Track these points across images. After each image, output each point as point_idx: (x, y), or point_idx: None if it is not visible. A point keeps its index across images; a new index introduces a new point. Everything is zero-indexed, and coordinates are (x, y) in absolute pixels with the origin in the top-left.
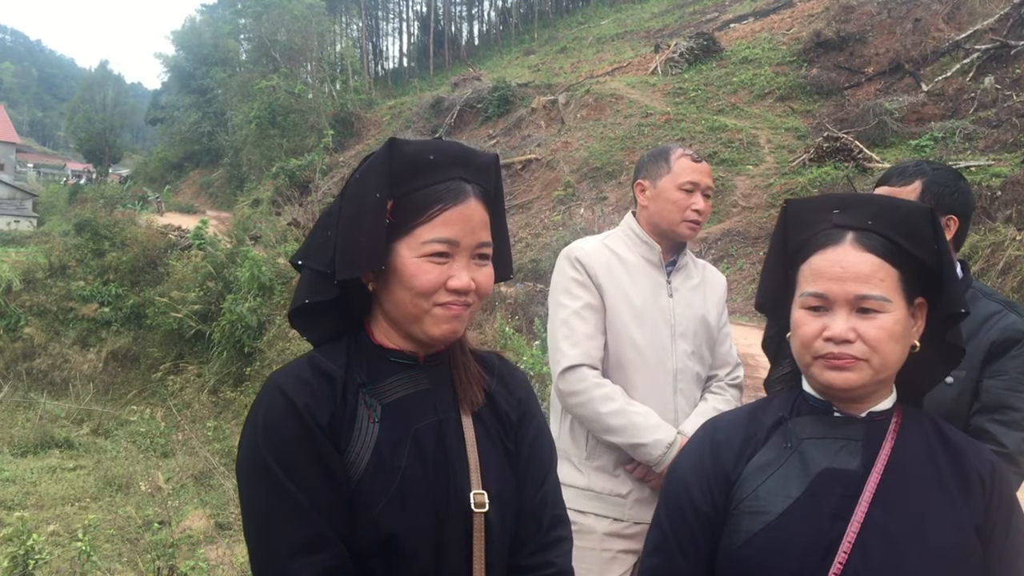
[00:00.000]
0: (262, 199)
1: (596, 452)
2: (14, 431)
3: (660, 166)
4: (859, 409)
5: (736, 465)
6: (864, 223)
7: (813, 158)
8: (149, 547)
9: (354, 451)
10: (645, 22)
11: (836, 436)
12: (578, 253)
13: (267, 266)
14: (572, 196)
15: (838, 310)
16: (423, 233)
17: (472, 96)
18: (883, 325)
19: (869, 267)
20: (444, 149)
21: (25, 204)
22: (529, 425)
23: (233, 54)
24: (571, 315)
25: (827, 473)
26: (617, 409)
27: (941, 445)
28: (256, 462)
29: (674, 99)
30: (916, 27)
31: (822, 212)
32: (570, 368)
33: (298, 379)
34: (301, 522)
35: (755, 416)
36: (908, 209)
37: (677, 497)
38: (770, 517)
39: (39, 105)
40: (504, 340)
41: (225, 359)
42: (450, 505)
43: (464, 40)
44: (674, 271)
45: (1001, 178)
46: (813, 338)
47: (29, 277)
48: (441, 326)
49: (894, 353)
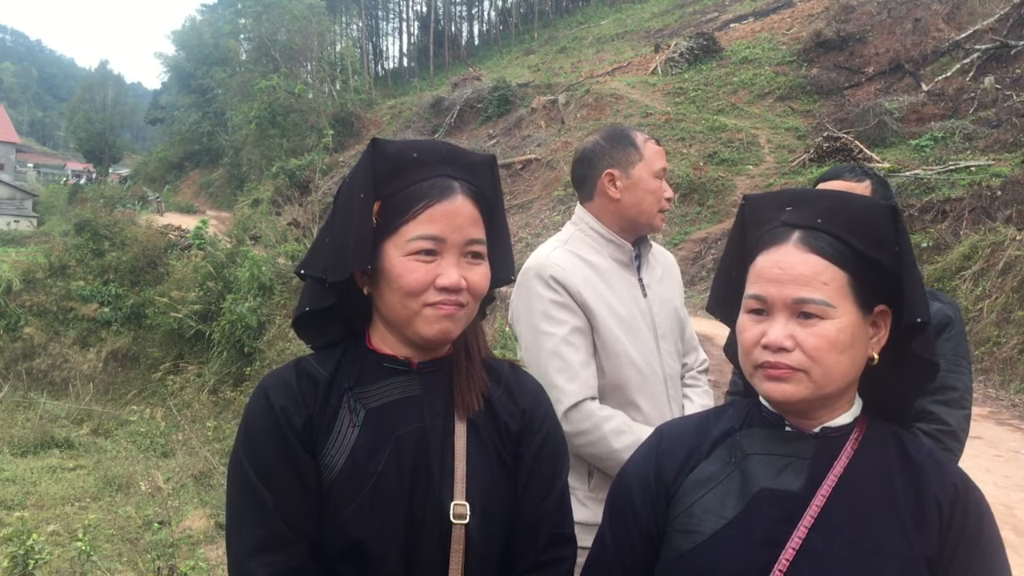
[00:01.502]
0: (262, 199)
1: (601, 484)
2: (14, 431)
3: (629, 153)
4: (811, 424)
5: (677, 477)
6: (813, 221)
7: (813, 158)
8: (149, 547)
9: (329, 454)
10: (645, 22)
11: (782, 453)
12: (552, 270)
13: (267, 266)
14: (572, 196)
15: (777, 314)
16: (408, 231)
17: (472, 96)
18: (824, 333)
19: (811, 269)
20: (428, 148)
21: (25, 204)
22: (533, 437)
23: (233, 54)
24: (560, 344)
25: (764, 493)
26: (632, 443)
27: (902, 466)
28: (234, 460)
29: (674, 99)
30: (916, 27)
31: (775, 210)
32: (573, 407)
33: (280, 381)
34: (264, 521)
35: (704, 426)
36: (865, 206)
37: (621, 508)
38: (700, 538)
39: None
40: (504, 340)
41: (225, 359)
42: (426, 514)
43: (464, 40)
44: (641, 266)
45: (1001, 178)
46: (752, 345)
47: (29, 277)
48: (433, 326)
49: (839, 364)
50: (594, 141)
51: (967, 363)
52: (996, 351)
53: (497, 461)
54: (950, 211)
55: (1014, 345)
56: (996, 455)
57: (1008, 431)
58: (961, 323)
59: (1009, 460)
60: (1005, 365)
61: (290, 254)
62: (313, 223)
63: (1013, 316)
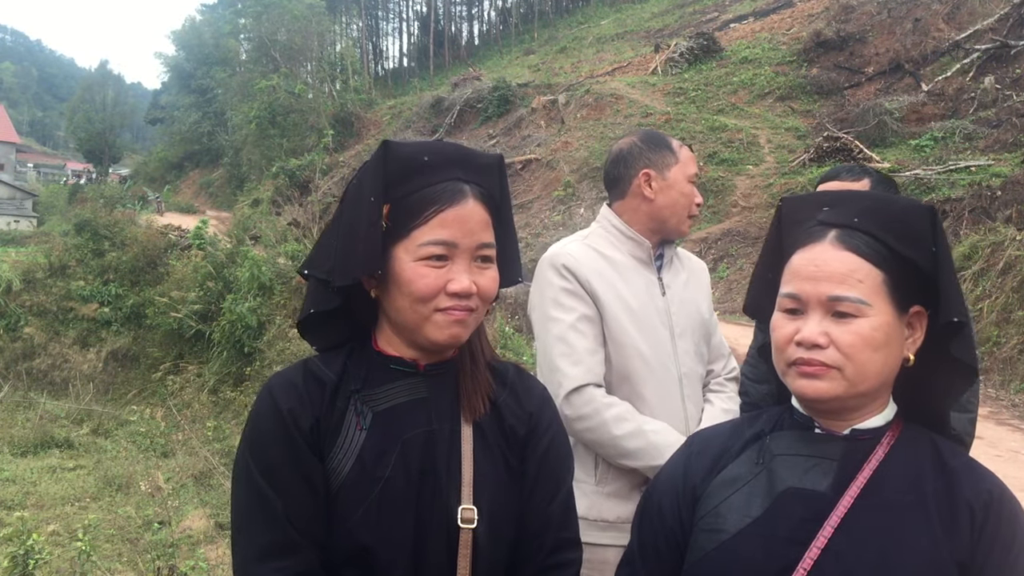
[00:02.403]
0: (262, 199)
1: (608, 477)
2: (14, 431)
3: (666, 155)
4: (842, 426)
5: (704, 480)
6: (850, 220)
7: (813, 158)
8: (149, 547)
9: (337, 457)
10: (645, 22)
11: (810, 454)
12: (564, 259)
13: (267, 266)
14: (572, 196)
15: (811, 312)
16: (419, 236)
17: (472, 96)
18: (858, 331)
19: (846, 266)
20: (440, 150)
21: (25, 204)
22: (539, 441)
23: (233, 54)
24: (567, 330)
25: (790, 493)
26: (633, 430)
27: (935, 470)
28: (240, 462)
29: (674, 99)
30: (916, 27)
31: (812, 210)
32: (575, 390)
33: (287, 382)
34: (272, 525)
35: (737, 430)
36: (903, 206)
37: (648, 511)
38: (725, 536)
39: (39, 105)
40: (504, 340)
41: (225, 359)
42: (433, 518)
43: (464, 40)
44: (663, 266)
45: (1001, 178)
46: (786, 342)
47: (29, 277)
48: (443, 331)
49: (872, 363)
50: (631, 142)
51: None
52: (996, 351)
53: (504, 465)
54: (950, 211)
55: (1014, 345)
56: (996, 455)
57: (1008, 431)
58: (971, 328)
59: (1009, 460)
60: (1005, 365)
61: (290, 254)
62: (313, 223)
63: (1013, 316)
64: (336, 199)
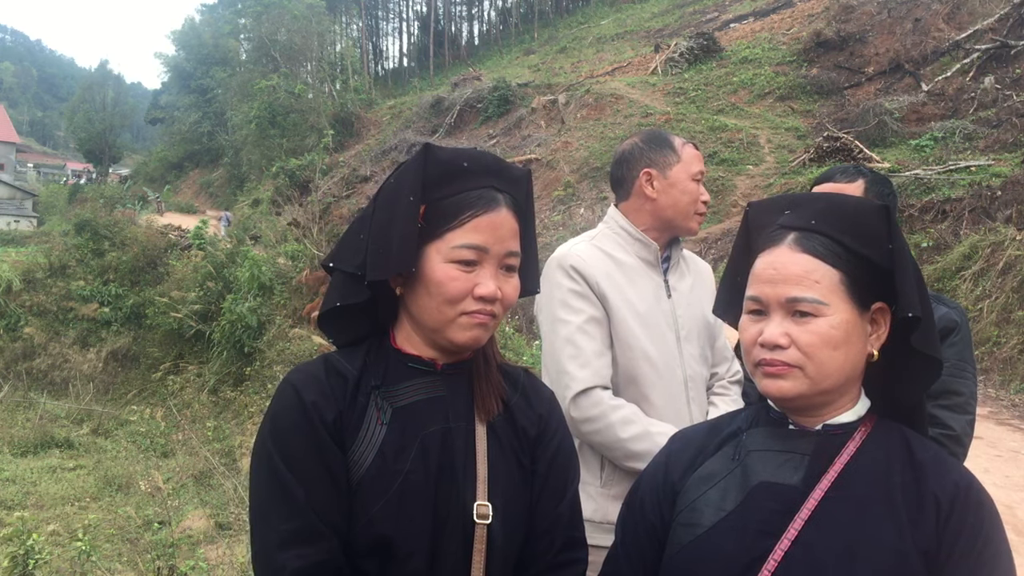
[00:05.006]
0: (262, 199)
1: (613, 479)
2: (14, 431)
3: (668, 154)
4: (814, 422)
5: (683, 476)
6: (807, 223)
7: (813, 158)
8: (149, 547)
9: (358, 451)
10: (645, 22)
11: (783, 449)
12: (573, 260)
13: (267, 266)
14: (572, 196)
15: (773, 314)
16: (453, 238)
17: (472, 96)
18: (817, 330)
19: (803, 268)
20: (478, 158)
21: (25, 204)
22: (549, 442)
23: (233, 54)
24: (575, 332)
25: (763, 487)
26: (639, 433)
27: (904, 463)
28: (261, 453)
29: (674, 99)
30: (916, 27)
31: (774, 214)
32: (582, 393)
33: (310, 376)
34: (295, 514)
35: (716, 428)
36: (857, 206)
37: (632, 507)
38: (700, 530)
39: (39, 105)
40: (504, 340)
41: (225, 359)
42: (450, 513)
43: (464, 40)
44: (669, 268)
45: (1001, 178)
46: (752, 344)
47: (29, 277)
48: (465, 333)
49: (833, 360)
50: (633, 143)
51: (972, 368)
52: (996, 351)
53: (516, 464)
54: (950, 211)
55: (1014, 345)
56: (996, 455)
57: (1008, 431)
58: (967, 328)
59: (1009, 460)
60: (1005, 365)
61: (290, 254)
62: (313, 223)
63: (1013, 316)
64: (336, 199)
